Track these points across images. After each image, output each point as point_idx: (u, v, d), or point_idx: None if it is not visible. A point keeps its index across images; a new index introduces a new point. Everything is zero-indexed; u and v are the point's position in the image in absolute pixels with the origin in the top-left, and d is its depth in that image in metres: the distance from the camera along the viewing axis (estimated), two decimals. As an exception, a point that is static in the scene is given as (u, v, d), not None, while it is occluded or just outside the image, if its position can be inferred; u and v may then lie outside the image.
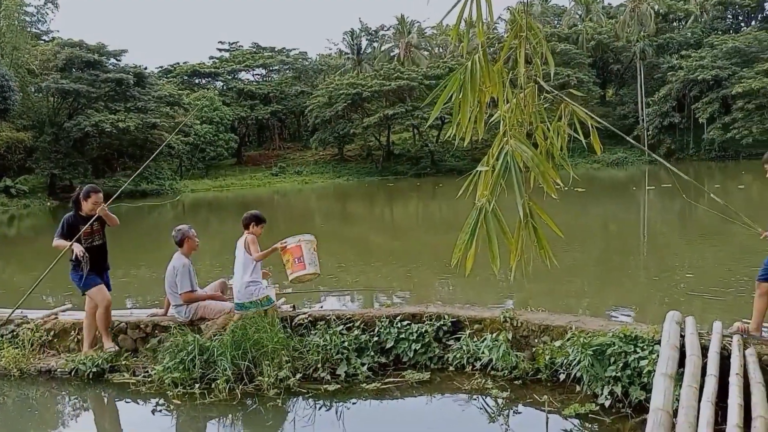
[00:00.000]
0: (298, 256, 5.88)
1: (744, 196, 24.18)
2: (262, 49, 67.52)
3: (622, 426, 4.36)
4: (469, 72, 2.81)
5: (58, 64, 45.63)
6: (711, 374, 4.01)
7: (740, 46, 48.79)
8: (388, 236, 19.21)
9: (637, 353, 4.58)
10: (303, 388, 5.32)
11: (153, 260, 13.56)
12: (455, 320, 5.80)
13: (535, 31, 3.06)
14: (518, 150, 2.73)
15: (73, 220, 6.19)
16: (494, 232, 2.62)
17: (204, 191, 50.29)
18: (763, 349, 4.38)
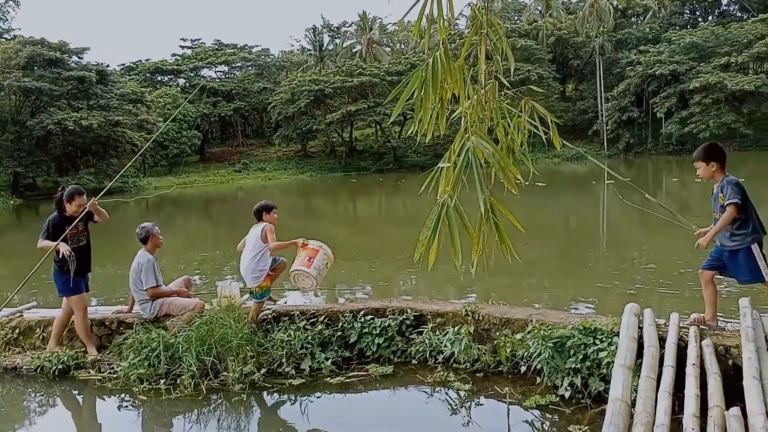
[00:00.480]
0: (311, 257, 5.87)
1: (701, 189, 24.80)
2: (225, 46, 67.03)
3: (582, 416, 4.45)
4: (430, 69, 2.84)
5: (20, 62, 44.91)
6: (668, 365, 4.10)
7: (697, 41, 49.66)
8: (351, 232, 19.21)
9: (597, 345, 4.68)
10: (268, 383, 5.34)
11: (117, 258, 13.31)
12: (418, 314, 5.86)
13: (496, 27, 3.10)
14: (479, 146, 2.77)
15: (58, 222, 6.08)
16: (456, 227, 2.65)
17: (167, 188, 49.70)
18: (719, 339, 4.48)
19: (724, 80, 45.57)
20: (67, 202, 6.07)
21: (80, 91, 47.25)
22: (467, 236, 2.79)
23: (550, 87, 56.58)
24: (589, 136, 55.98)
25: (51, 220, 6.07)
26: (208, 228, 22.90)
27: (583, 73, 62.65)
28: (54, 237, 6.00)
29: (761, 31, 47.62)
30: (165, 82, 64.98)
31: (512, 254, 2.91)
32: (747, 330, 4.34)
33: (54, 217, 6.08)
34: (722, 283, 8.59)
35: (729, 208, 4.51)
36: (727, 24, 52.98)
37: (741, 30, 49.30)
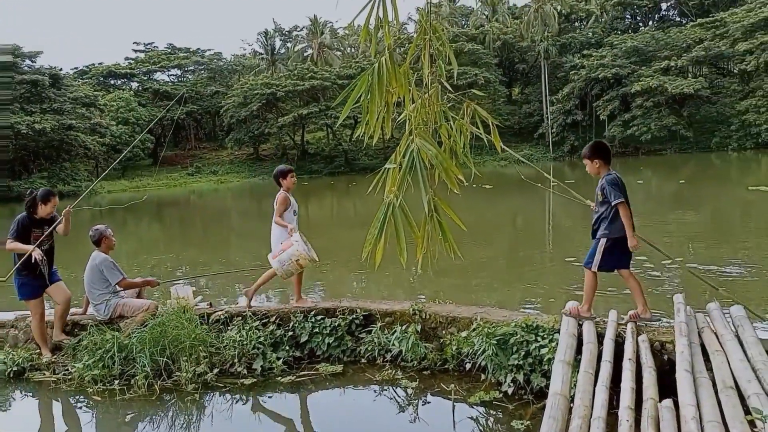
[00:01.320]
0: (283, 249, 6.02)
1: (643, 191, 25.62)
2: (177, 49, 66.69)
3: (524, 411, 4.59)
4: (376, 74, 2.95)
5: (-28, 66, 43.43)
6: (606, 360, 4.25)
7: (639, 46, 51.17)
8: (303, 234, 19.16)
9: (538, 342, 4.83)
10: (220, 383, 5.38)
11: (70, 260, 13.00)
12: (367, 314, 5.97)
13: (439, 33, 3.23)
14: (423, 148, 2.89)
15: (27, 223, 5.99)
16: (401, 226, 2.76)
17: (120, 192, 48.77)
18: (655, 335, 4.66)
19: (664, 84, 46.89)
20: (42, 203, 6.02)
21: (33, 95, 46.95)
22: (413, 236, 2.90)
23: (497, 91, 57.56)
24: (535, 139, 57.03)
25: (20, 221, 5.98)
26: (160, 231, 22.59)
27: (528, 77, 63.85)
28: (21, 237, 5.94)
29: (699, 35, 49.38)
30: (118, 86, 64.42)
31: (455, 253, 3.03)
32: (680, 325, 4.52)
33: (23, 218, 5.99)
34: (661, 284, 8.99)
35: (620, 209, 4.82)
36: (667, 29, 54.93)
37: (680, 34, 51.12)
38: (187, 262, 13.48)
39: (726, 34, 48.20)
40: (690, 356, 4.09)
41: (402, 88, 3.05)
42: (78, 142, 47.96)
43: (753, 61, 45.34)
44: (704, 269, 9.73)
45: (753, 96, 46.73)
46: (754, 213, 16.39)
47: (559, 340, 4.62)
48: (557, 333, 4.79)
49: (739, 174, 29.78)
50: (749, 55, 45.78)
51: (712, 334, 4.51)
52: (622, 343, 4.54)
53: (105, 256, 6.19)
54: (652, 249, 5.51)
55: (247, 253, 14.41)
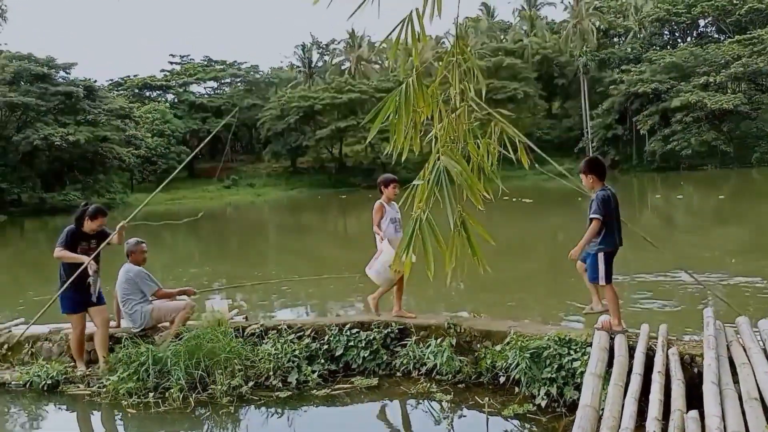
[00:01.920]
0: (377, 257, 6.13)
1: (684, 206, 25.22)
2: (214, 62, 67.34)
3: (557, 424, 4.61)
4: (403, 95, 3.04)
5: (6, 77, 44.77)
6: (636, 373, 4.30)
7: (677, 61, 50.83)
8: (341, 248, 19.36)
9: (571, 355, 4.85)
10: (255, 396, 5.44)
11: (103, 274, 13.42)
12: (402, 327, 6.00)
13: (467, 54, 3.30)
14: (449, 165, 2.97)
15: (76, 234, 6.14)
16: (429, 241, 2.83)
17: (156, 204, 49.48)
18: (685, 348, 4.70)
19: (703, 99, 46.68)
20: (90, 219, 6.14)
21: (67, 107, 47.03)
22: (440, 250, 2.97)
23: (536, 105, 57.50)
24: (575, 153, 56.68)
25: (70, 231, 6.11)
26: (196, 244, 22.94)
27: (568, 92, 63.61)
28: (70, 248, 6.06)
29: (737, 51, 48.91)
30: (154, 98, 64.91)
31: (484, 267, 3.09)
32: (709, 339, 4.59)
33: (72, 229, 6.12)
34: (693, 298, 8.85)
35: (592, 223, 5.06)
36: (705, 45, 54.45)
37: (718, 51, 50.70)
38: (223, 276, 13.73)
39: (763, 51, 47.84)
40: (717, 369, 4.16)
41: (429, 107, 3.13)
42: (113, 154, 48.00)
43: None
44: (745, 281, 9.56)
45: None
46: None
47: (590, 353, 4.65)
48: (590, 346, 4.81)
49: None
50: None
51: (740, 347, 4.56)
52: (653, 356, 4.59)
53: (139, 268, 6.31)
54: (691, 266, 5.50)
55: (285, 267, 14.64)
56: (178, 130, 57.17)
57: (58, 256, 6.06)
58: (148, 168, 54.61)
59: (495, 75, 55.67)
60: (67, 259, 6.05)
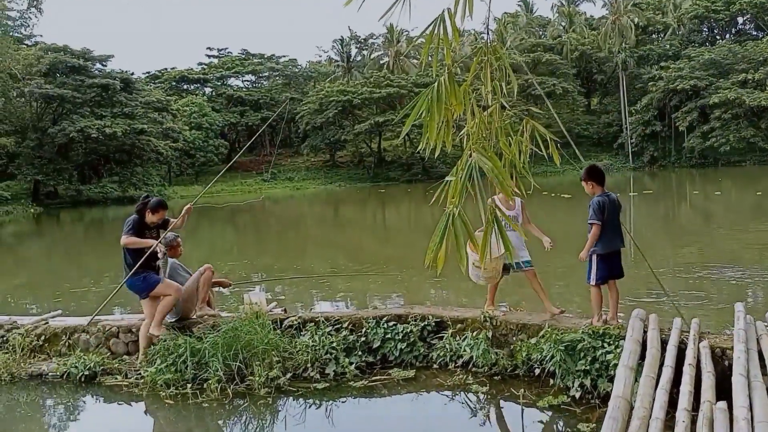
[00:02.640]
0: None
1: (722, 202, 24.69)
2: (252, 55, 67.64)
3: (591, 415, 4.66)
4: (435, 93, 3.12)
5: (42, 69, 45.28)
6: (667, 365, 4.38)
7: (716, 58, 50.64)
8: (380, 242, 19.48)
9: (605, 348, 4.91)
10: (293, 387, 5.57)
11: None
12: (439, 320, 6.09)
13: (500, 53, 3.36)
14: (480, 162, 3.04)
15: (139, 225, 6.29)
16: (461, 235, 2.92)
17: (194, 197, 50.08)
18: (716, 342, 4.76)
19: (742, 96, 46.53)
20: (152, 212, 6.30)
21: (104, 99, 47.25)
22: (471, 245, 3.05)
23: (575, 100, 57.09)
24: (614, 149, 56.37)
25: (135, 220, 6.23)
26: (234, 237, 23.21)
27: (607, 88, 63.10)
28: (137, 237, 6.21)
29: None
30: (191, 91, 65.24)
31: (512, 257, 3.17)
32: (739, 332, 4.70)
33: (136, 218, 6.26)
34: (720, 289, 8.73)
35: (593, 228, 5.36)
36: (743, 42, 54.18)
37: (756, 48, 50.68)
38: (261, 269, 13.92)
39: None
40: (746, 361, 4.24)
41: (460, 105, 3.21)
42: (150, 147, 47.90)
43: None
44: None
45: None
46: None
47: (624, 346, 4.72)
48: (623, 339, 4.86)
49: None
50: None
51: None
52: (685, 350, 4.66)
53: (173, 260, 6.52)
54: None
55: (323, 261, 14.80)
56: (216, 123, 57.40)
57: (126, 242, 6.16)
58: (186, 161, 55.04)
59: (534, 71, 55.15)
60: (134, 245, 6.16)
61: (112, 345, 6.64)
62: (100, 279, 13.11)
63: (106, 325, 6.74)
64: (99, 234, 28.65)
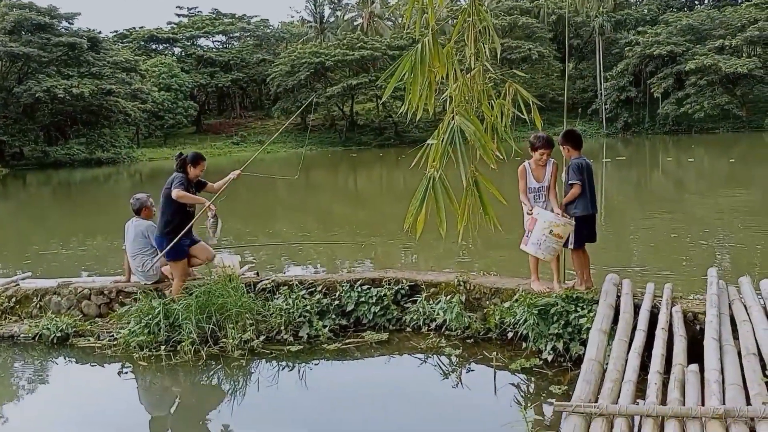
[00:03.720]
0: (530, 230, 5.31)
1: (695, 169, 25.10)
2: (222, 15, 66.13)
3: (563, 378, 4.76)
4: (418, 55, 3.06)
5: (6, 26, 43.69)
6: (640, 329, 4.46)
7: (694, 24, 50.28)
8: (352, 206, 19.43)
9: (578, 312, 4.98)
10: (266, 349, 5.58)
11: (109, 229, 13.50)
12: (413, 284, 6.12)
13: (483, 15, 3.30)
14: (463, 125, 3.00)
15: (186, 181, 6.16)
16: (441, 199, 2.90)
17: (162, 160, 49.24)
18: (688, 306, 4.85)
19: (718, 62, 46.24)
20: (193, 165, 6.22)
21: (71, 58, 45.97)
22: (453, 208, 3.04)
23: (551, 65, 56.79)
24: (588, 115, 56.30)
25: (183, 178, 6.10)
26: (206, 201, 22.86)
27: (583, 53, 62.63)
28: None
29: (754, 15, 48.28)
30: (160, 51, 63.45)
31: (496, 225, 3.16)
32: (712, 297, 4.78)
33: (183, 177, 6.14)
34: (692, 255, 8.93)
35: (573, 187, 5.35)
36: (722, 7, 53.69)
37: (735, 14, 50.13)
38: (232, 232, 13.80)
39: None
40: (718, 326, 4.33)
41: (443, 68, 3.15)
42: (118, 108, 46.60)
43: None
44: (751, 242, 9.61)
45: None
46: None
47: (597, 310, 4.79)
48: (596, 304, 4.94)
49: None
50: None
51: (742, 305, 4.72)
52: (657, 314, 4.74)
53: (149, 222, 6.41)
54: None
55: (294, 225, 14.72)
56: (186, 84, 56.00)
57: (179, 196, 5.99)
58: (155, 123, 53.83)
59: (510, 34, 54.68)
60: (185, 199, 6.04)
61: (84, 307, 6.59)
62: (68, 242, 12.89)
63: (77, 287, 6.68)
64: (66, 196, 28.09)
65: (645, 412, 3.37)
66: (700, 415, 3.26)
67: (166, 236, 6.06)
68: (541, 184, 5.50)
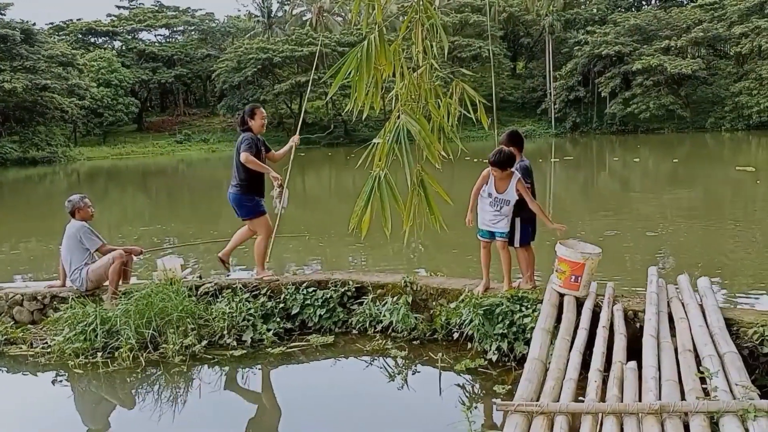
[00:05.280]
0: (578, 275, 4.97)
1: (640, 169, 25.85)
2: (165, 8, 64.66)
3: (507, 377, 4.77)
4: (364, 51, 2.98)
5: (-72, 15, 41.39)
6: (582, 328, 4.53)
7: (641, 24, 51.36)
8: (300, 207, 19.18)
9: (522, 312, 5.01)
10: (208, 355, 5.41)
11: (44, 232, 12.97)
12: (359, 286, 6.05)
13: (431, 12, 3.25)
14: (408, 124, 2.95)
15: (256, 139, 6.02)
16: (387, 199, 2.84)
17: (101, 159, 47.62)
18: (629, 305, 4.94)
19: (664, 63, 47.37)
20: (251, 117, 6.04)
21: (2, 51, 44.00)
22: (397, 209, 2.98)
23: (501, 64, 57.40)
24: (538, 115, 57.09)
25: (252, 138, 5.96)
26: (146, 202, 22.32)
27: (533, 52, 63.47)
28: (256, 155, 5.95)
29: (699, 16, 49.84)
30: (99, 45, 61.81)
31: (441, 225, 3.11)
32: (651, 295, 4.90)
33: (252, 136, 5.99)
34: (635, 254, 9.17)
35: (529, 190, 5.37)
36: (668, 8, 54.86)
37: (680, 15, 51.34)
38: (175, 234, 13.46)
39: (723, 16, 48.94)
40: (657, 323, 4.45)
41: (390, 65, 3.09)
42: (54, 104, 45.00)
43: (747, 44, 46.26)
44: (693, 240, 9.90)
45: (746, 78, 47.71)
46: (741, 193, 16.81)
47: (541, 310, 4.84)
48: (540, 303, 4.98)
49: (730, 154, 30.24)
50: (744, 38, 46.61)
51: (680, 303, 4.82)
52: (599, 312, 4.82)
53: (82, 223, 6.15)
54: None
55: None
56: (126, 80, 54.33)
57: (246, 160, 5.88)
58: (93, 120, 52.06)
59: (460, 32, 55.08)
60: (252, 165, 5.90)
61: (16, 313, 6.29)
62: (0, 244, 12.29)
63: (9, 292, 6.38)
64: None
65: (584, 409, 3.44)
66: (637, 411, 3.35)
67: (242, 194, 6.04)
68: (501, 196, 5.34)
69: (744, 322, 4.41)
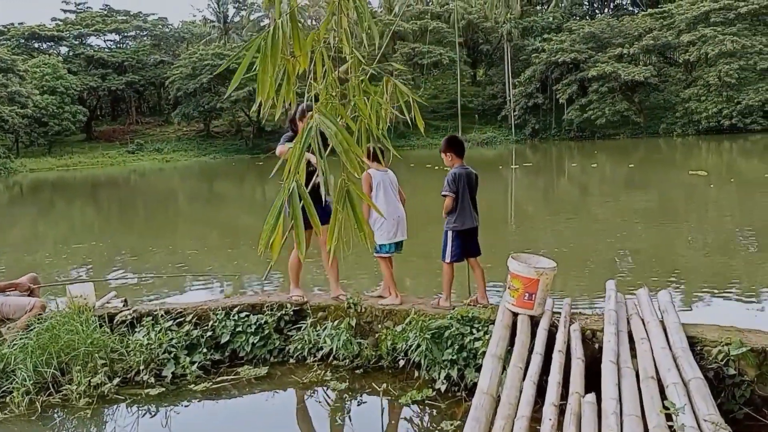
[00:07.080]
0: (532, 292, 4.51)
1: (598, 174, 25.92)
2: (115, 12, 62.98)
3: (457, 410, 4.27)
4: (270, 38, 2.47)
5: None
6: (537, 352, 4.04)
7: (595, 32, 52.41)
8: (257, 218, 18.44)
9: (473, 334, 4.52)
10: (121, 395, 4.74)
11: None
12: (297, 309, 5.48)
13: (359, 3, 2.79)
14: (323, 125, 2.44)
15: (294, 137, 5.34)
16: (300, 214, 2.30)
17: (46, 170, 45.78)
18: (587, 323, 4.48)
19: (617, 70, 48.50)
20: (300, 120, 5.60)
21: None
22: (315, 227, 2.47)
23: (462, 71, 57.79)
24: (498, 121, 57.66)
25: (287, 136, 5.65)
26: (96, 215, 21.24)
27: (492, 59, 64.19)
28: None
29: (649, 24, 51.36)
30: (43, 50, 59.65)
31: (371, 243, 2.59)
32: (610, 313, 4.43)
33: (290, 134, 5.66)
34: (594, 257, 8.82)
35: (446, 199, 5.19)
36: (621, 17, 56.49)
37: (632, 23, 52.83)
38: (125, 248, 12.71)
39: (672, 25, 50.38)
40: (616, 345, 4.06)
41: (306, 57, 2.60)
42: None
43: (695, 51, 47.70)
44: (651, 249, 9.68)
45: (695, 85, 48.95)
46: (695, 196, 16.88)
47: (492, 332, 4.34)
48: (493, 324, 4.48)
49: (682, 159, 30.77)
50: (692, 46, 48.01)
51: (640, 321, 4.41)
52: (556, 333, 4.37)
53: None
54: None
55: (196, 240, 13.76)
56: (73, 87, 52.41)
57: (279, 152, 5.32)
58: (37, 130, 49.95)
59: (421, 39, 55.05)
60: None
61: None
62: None
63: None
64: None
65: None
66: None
67: None
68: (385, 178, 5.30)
69: (707, 340, 4.08)
